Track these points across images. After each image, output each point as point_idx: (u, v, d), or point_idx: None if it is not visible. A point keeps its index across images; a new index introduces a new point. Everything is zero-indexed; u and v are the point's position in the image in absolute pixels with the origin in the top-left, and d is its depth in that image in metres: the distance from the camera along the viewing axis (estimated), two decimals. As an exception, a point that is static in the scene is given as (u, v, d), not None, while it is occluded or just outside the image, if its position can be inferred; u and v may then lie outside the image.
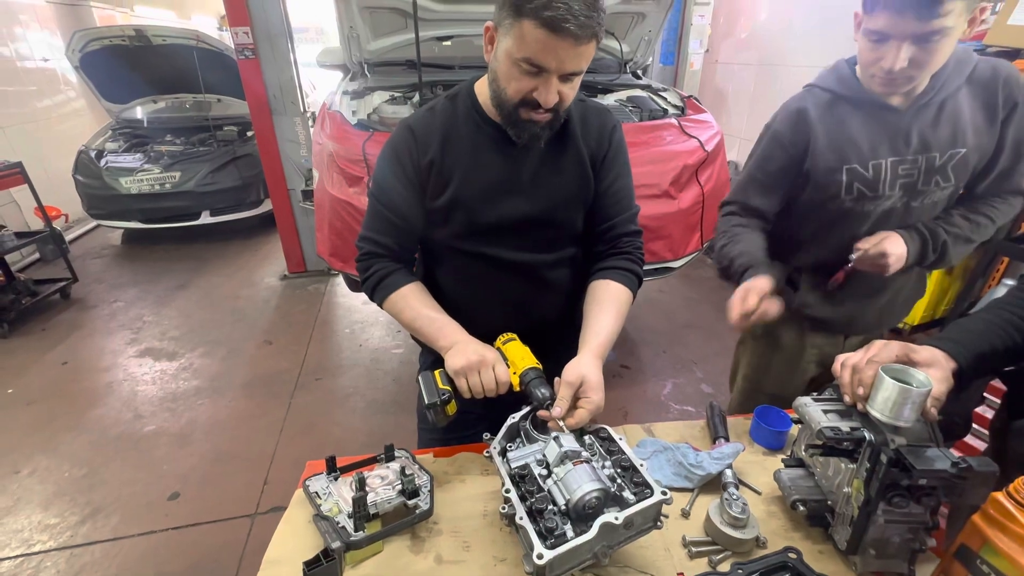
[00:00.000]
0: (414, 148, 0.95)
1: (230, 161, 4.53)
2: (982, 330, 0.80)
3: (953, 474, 0.65)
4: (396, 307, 0.99)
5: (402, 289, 0.98)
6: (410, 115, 1.00)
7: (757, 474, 0.96)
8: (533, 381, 0.87)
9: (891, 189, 1.08)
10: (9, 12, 4.46)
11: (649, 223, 2.07)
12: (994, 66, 1.03)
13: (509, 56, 0.82)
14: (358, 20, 2.61)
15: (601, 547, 0.68)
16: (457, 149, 0.95)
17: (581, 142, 0.99)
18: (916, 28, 0.87)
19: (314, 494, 0.85)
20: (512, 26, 0.79)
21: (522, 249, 1.02)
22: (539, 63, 0.80)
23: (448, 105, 0.98)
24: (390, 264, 1.01)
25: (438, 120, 0.96)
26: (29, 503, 2.00)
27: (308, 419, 2.48)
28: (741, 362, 1.50)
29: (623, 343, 3.11)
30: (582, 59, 0.81)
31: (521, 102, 0.85)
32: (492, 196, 0.97)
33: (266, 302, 3.66)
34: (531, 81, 0.83)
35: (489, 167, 0.96)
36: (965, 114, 1.03)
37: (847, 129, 1.07)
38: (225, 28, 7.67)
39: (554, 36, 0.76)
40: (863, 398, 0.74)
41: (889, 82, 0.97)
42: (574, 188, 1.00)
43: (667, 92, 2.87)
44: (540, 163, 0.97)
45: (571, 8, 0.74)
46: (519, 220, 0.99)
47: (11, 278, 3.43)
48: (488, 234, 0.99)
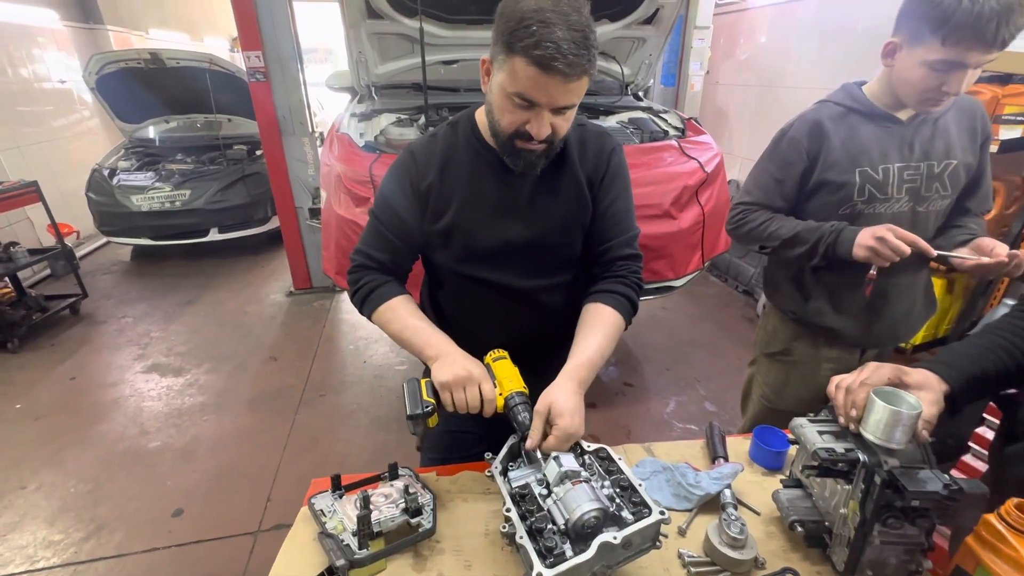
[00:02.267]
0: (414, 172, 0.98)
1: (239, 179, 4.62)
2: (974, 354, 0.82)
3: (944, 496, 0.66)
4: (384, 318, 0.99)
5: (391, 301, 0.98)
6: (414, 140, 1.04)
7: (756, 494, 0.97)
8: (517, 407, 0.86)
9: (899, 192, 1.19)
10: (28, 35, 4.61)
11: (650, 243, 2.10)
12: (971, 99, 1.22)
13: (503, 90, 0.84)
14: (366, 45, 2.69)
15: (600, 567, 0.69)
16: (456, 174, 0.98)
17: (578, 166, 1.00)
18: (984, 59, 1.00)
19: (319, 512, 0.87)
20: (505, 62, 0.82)
21: (520, 273, 1.03)
22: (530, 98, 0.82)
23: (449, 131, 1.01)
24: (380, 276, 1.01)
25: (438, 146, 0.99)
26: (35, 519, 2.01)
27: (312, 435, 2.49)
28: (756, 381, 1.52)
29: (626, 361, 3.11)
30: (573, 95, 0.83)
31: (515, 133, 0.88)
32: (490, 221, 0.99)
33: (272, 318, 3.70)
34: (524, 114, 0.85)
35: (487, 192, 0.98)
36: (952, 132, 1.18)
37: (859, 137, 1.19)
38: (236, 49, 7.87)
39: (544, 74, 0.78)
40: (856, 420, 0.76)
41: (934, 102, 1.08)
42: (571, 212, 1.01)
43: (668, 114, 2.92)
44: (537, 188, 0.99)
45: (560, 47, 0.76)
46: (517, 245, 1.00)
47: (22, 294, 3.49)
48: (486, 258, 1.01)
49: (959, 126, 1.19)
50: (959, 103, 1.18)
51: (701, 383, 2.87)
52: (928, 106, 1.10)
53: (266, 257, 4.86)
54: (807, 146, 1.22)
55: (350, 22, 2.53)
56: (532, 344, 1.08)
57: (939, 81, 1.04)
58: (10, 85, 4.37)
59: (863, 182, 1.18)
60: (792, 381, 1.42)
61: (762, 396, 1.50)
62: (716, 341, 3.31)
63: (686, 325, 3.54)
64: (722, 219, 2.41)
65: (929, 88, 1.06)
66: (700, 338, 3.36)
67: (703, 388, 2.82)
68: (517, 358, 0.95)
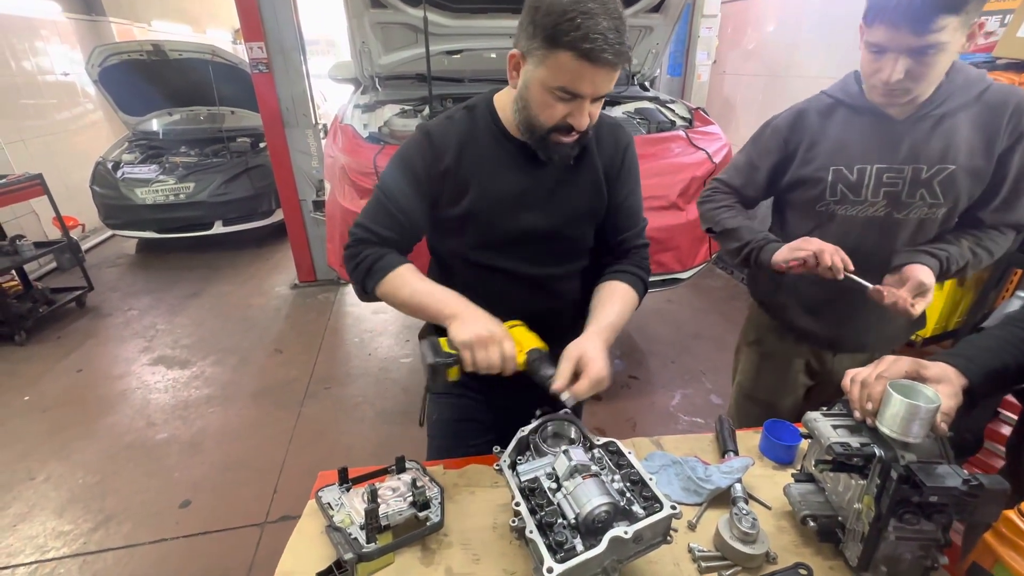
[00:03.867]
0: (429, 153, 0.95)
1: (243, 172, 4.61)
2: (994, 347, 0.80)
3: (964, 491, 0.65)
4: (392, 286, 0.95)
5: (398, 269, 0.96)
6: (427, 121, 1.00)
7: (767, 489, 0.96)
8: (537, 361, 0.88)
9: (874, 196, 1.09)
10: (31, 28, 4.59)
11: (657, 235, 2.08)
12: (1007, 93, 1.02)
13: (542, 84, 0.83)
14: (370, 35, 2.66)
15: (611, 561, 0.69)
16: (475, 160, 0.96)
17: (597, 157, 1.01)
18: (912, 42, 0.90)
19: (326, 505, 0.87)
20: (546, 56, 0.80)
21: (534, 262, 1.03)
22: (574, 91, 0.82)
23: (467, 116, 0.98)
24: (381, 249, 0.98)
25: (455, 129, 0.97)
26: (44, 509, 2.03)
27: (317, 428, 2.50)
28: (737, 369, 1.52)
29: (631, 354, 3.10)
30: (613, 82, 0.84)
31: (554, 127, 0.87)
32: (509, 209, 0.98)
33: (277, 311, 3.70)
34: (565, 107, 0.84)
35: (508, 181, 0.97)
36: (962, 133, 1.02)
37: (840, 133, 1.11)
38: (239, 41, 7.83)
39: (592, 66, 0.78)
40: (872, 414, 0.75)
41: (888, 93, 1.00)
42: (588, 202, 1.02)
43: (675, 104, 2.88)
44: (558, 178, 0.99)
45: (607, 38, 0.76)
46: (534, 234, 1.00)
47: (29, 287, 3.50)
48: (501, 246, 1.00)
49: (975, 125, 1.02)
50: (985, 98, 1.02)
51: (707, 376, 2.86)
52: (879, 96, 1.02)
53: (270, 250, 4.86)
54: (786, 136, 1.17)
55: (353, 12, 2.50)
56: (543, 332, 1.06)
57: (874, 67, 0.98)
58: (13, 78, 4.36)
59: (835, 181, 1.10)
60: (764, 370, 1.41)
61: (738, 383, 1.50)
62: (722, 334, 3.29)
63: (692, 318, 3.52)
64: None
65: (868, 74, 1.01)
66: (706, 331, 3.34)
67: (709, 381, 2.81)
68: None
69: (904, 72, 0.93)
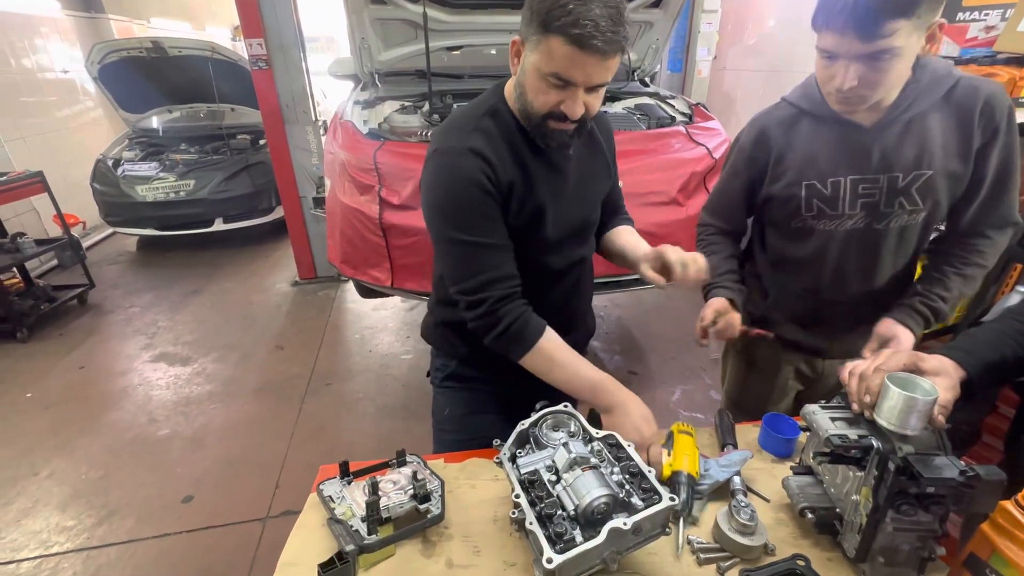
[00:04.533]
0: (490, 172, 0.90)
1: (243, 169, 4.61)
2: (992, 340, 0.81)
3: (961, 482, 0.65)
4: (543, 364, 0.94)
5: (541, 342, 0.93)
6: (456, 138, 0.92)
7: (766, 481, 0.96)
8: (679, 485, 0.88)
9: (852, 208, 1.05)
10: (30, 25, 4.58)
11: (657, 230, 2.08)
12: (975, 87, 0.96)
13: (537, 70, 0.84)
14: (369, 31, 2.66)
15: (610, 552, 0.69)
16: (523, 165, 0.95)
17: (604, 145, 1.09)
18: (861, 48, 0.85)
19: (328, 498, 0.87)
20: (540, 42, 0.81)
21: (571, 249, 1.07)
22: (567, 78, 0.82)
23: (495, 123, 0.94)
24: (522, 308, 0.94)
25: (496, 139, 0.93)
26: (47, 505, 2.04)
27: (319, 424, 2.51)
28: (725, 375, 1.48)
29: (631, 349, 3.11)
30: (608, 72, 0.84)
31: (548, 114, 0.87)
32: (558, 205, 0.99)
33: (277, 307, 3.71)
34: (558, 94, 0.85)
35: (547, 177, 0.98)
36: (935, 136, 0.97)
37: (807, 146, 1.06)
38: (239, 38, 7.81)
39: (582, 52, 0.78)
40: (870, 406, 0.75)
41: (844, 100, 0.94)
42: (605, 188, 1.11)
43: (675, 99, 2.88)
44: (579, 169, 1.02)
45: (598, 25, 0.76)
46: (577, 224, 1.04)
47: (30, 284, 3.51)
48: (554, 243, 1.02)
49: (947, 126, 0.97)
50: (953, 95, 0.96)
51: (707, 372, 2.86)
52: (835, 103, 0.97)
53: (271, 247, 4.86)
54: (751, 154, 1.13)
55: (352, 8, 2.50)
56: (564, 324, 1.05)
57: (827, 73, 0.93)
58: (13, 75, 4.36)
59: (810, 196, 1.06)
60: (752, 382, 1.37)
61: (725, 392, 1.47)
62: (722, 330, 3.29)
63: (692, 314, 3.49)
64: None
65: (822, 81, 0.96)
66: (706, 327, 3.34)
67: (709, 377, 2.81)
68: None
69: (857, 79, 0.88)
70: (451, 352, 1.18)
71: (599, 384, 0.93)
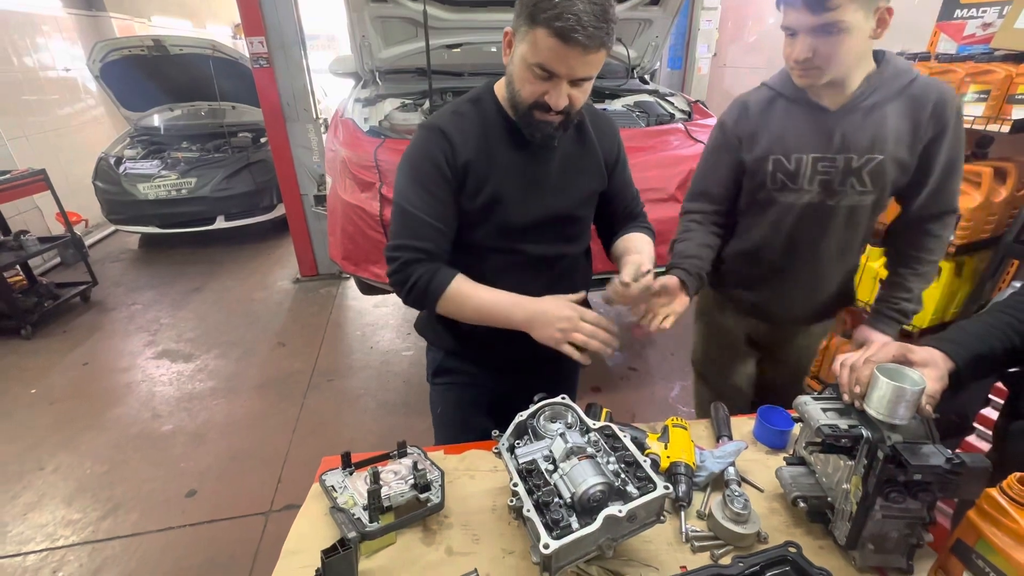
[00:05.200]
0: (448, 149, 0.96)
1: (244, 167, 4.63)
2: (981, 332, 0.82)
3: (947, 469, 0.67)
4: (454, 304, 0.99)
5: (452, 285, 0.98)
6: (433, 118, 1.01)
7: (760, 472, 0.98)
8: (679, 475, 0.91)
9: (810, 184, 1.15)
10: (32, 24, 4.60)
11: (656, 227, 2.08)
12: (929, 87, 1.06)
13: (524, 61, 0.87)
14: (370, 29, 2.67)
15: (606, 539, 0.71)
16: (490, 151, 0.98)
17: (598, 145, 1.08)
18: (811, 21, 0.97)
19: (330, 487, 0.89)
20: (527, 33, 0.84)
21: (552, 243, 1.08)
22: (550, 69, 0.85)
23: (474, 108, 1.01)
24: (429, 266, 0.98)
25: (468, 122, 0.99)
26: (53, 499, 2.07)
27: (320, 419, 2.53)
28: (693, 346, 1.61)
29: (631, 345, 3.12)
30: (591, 66, 0.86)
31: (534, 104, 0.91)
32: (526, 195, 1.01)
33: (279, 305, 3.73)
34: (543, 85, 0.88)
35: (521, 167, 1.00)
36: (889, 124, 1.07)
37: (779, 123, 1.16)
38: (239, 36, 7.82)
39: (564, 45, 0.81)
40: (860, 397, 0.77)
41: (802, 73, 1.04)
42: (595, 185, 1.10)
43: (674, 97, 2.89)
44: (566, 161, 1.04)
45: (581, 19, 0.79)
46: (552, 215, 1.04)
47: (34, 282, 3.54)
48: (518, 232, 1.04)
49: (901, 117, 1.07)
50: (910, 90, 1.06)
51: (706, 368, 2.88)
52: (797, 78, 1.07)
53: (272, 245, 4.88)
54: (732, 129, 1.22)
55: (353, 6, 2.51)
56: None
57: (787, 50, 1.03)
58: (15, 74, 4.38)
59: (775, 170, 1.16)
60: (711, 343, 1.51)
61: (692, 362, 1.61)
62: (721, 326, 3.31)
63: (691, 310, 3.52)
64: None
65: (786, 57, 1.06)
66: (705, 323, 3.36)
67: (708, 373, 2.83)
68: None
69: (810, 51, 0.99)
70: (439, 343, 1.21)
71: (511, 307, 0.97)
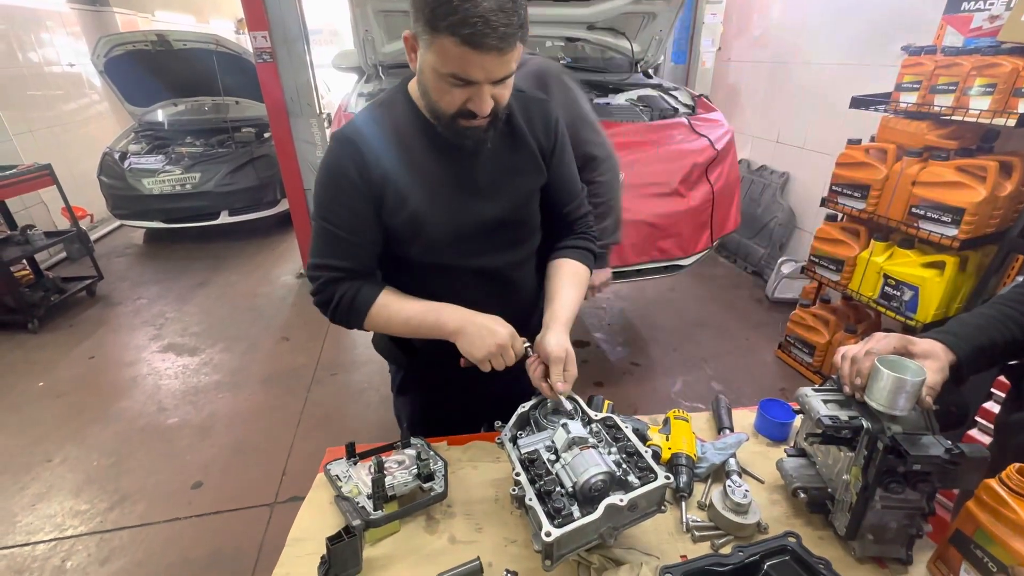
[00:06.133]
0: (361, 161, 0.87)
1: (248, 162, 4.64)
2: (982, 324, 0.82)
3: (946, 460, 0.68)
4: (382, 319, 0.93)
5: (379, 299, 0.92)
6: (344, 127, 0.91)
7: (761, 464, 0.99)
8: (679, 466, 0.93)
9: None
10: (36, 19, 4.61)
11: (659, 221, 2.10)
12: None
13: (434, 71, 0.78)
14: (373, 23, 2.67)
15: (607, 528, 0.72)
16: (409, 160, 0.90)
17: (530, 138, 0.97)
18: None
19: (335, 477, 0.90)
20: (431, 42, 0.75)
21: (491, 252, 0.99)
22: (466, 77, 0.77)
23: (385, 114, 0.92)
24: (353, 284, 0.92)
25: (380, 130, 0.90)
26: (61, 490, 2.09)
27: (324, 412, 2.55)
28: None
29: (634, 341, 3.13)
30: (510, 64, 0.78)
31: (457, 113, 0.83)
32: (455, 205, 0.93)
33: (283, 299, 3.75)
34: (462, 92, 0.80)
35: (446, 175, 0.92)
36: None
37: None
38: (242, 31, 7.81)
39: (476, 52, 0.73)
40: (861, 388, 0.77)
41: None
42: (532, 184, 1.00)
43: (678, 91, 2.88)
44: (496, 164, 0.94)
45: (488, 21, 0.70)
46: (487, 224, 0.96)
47: (40, 276, 3.56)
48: (453, 244, 0.95)
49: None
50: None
51: (708, 363, 2.88)
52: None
53: (276, 240, 4.90)
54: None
55: (356, 0, 2.51)
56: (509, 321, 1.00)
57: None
58: (20, 69, 4.39)
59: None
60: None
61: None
62: (724, 322, 3.31)
63: (694, 306, 3.53)
64: (732, 197, 2.40)
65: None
66: (708, 319, 3.36)
67: (710, 368, 2.84)
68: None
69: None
70: (395, 360, 1.19)
71: (440, 313, 0.92)
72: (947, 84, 2.01)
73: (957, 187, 1.97)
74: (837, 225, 2.54)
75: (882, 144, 2.29)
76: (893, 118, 2.32)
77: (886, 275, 2.24)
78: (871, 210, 2.31)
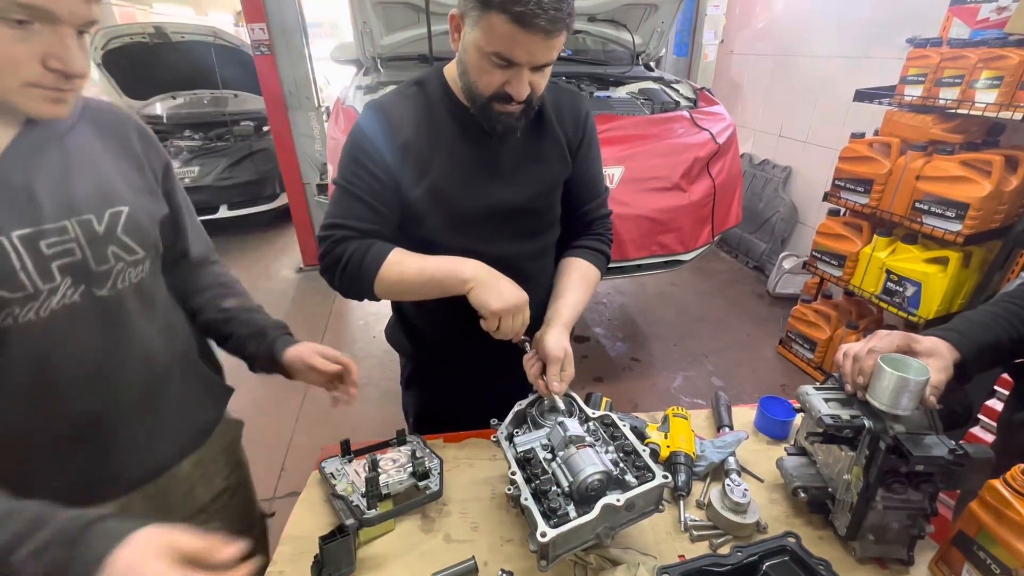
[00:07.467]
0: (388, 129, 0.89)
1: (247, 156, 4.61)
2: (987, 322, 0.81)
3: (949, 460, 0.66)
4: (395, 274, 0.87)
5: (391, 255, 0.88)
6: (376, 100, 0.93)
7: (761, 463, 0.98)
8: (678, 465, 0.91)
9: None
10: (34, 11, 4.57)
11: (659, 216, 2.08)
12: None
13: (478, 49, 0.79)
14: (371, 15, 2.63)
15: (604, 528, 0.71)
16: (434, 135, 0.90)
17: (558, 128, 0.97)
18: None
19: (329, 475, 0.90)
20: (480, 18, 0.76)
21: (507, 240, 0.97)
22: (509, 57, 0.77)
23: (419, 91, 0.93)
24: (364, 242, 0.89)
25: (410, 104, 0.91)
26: (60, 485, 2.09)
27: (323, 408, 2.54)
28: None
29: (634, 336, 3.12)
30: (553, 51, 0.79)
31: (493, 96, 0.83)
32: (474, 185, 0.92)
33: (282, 294, 3.73)
34: (502, 74, 0.80)
35: (469, 155, 0.92)
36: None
37: None
38: (241, 24, 7.75)
39: (524, 31, 0.74)
40: (863, 387, 0.76)
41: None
42: (556, 175, 0.99)
43: (679, 84, 2.85)
44: (521, 151, 0.94)
45: (540, 2, 0.71)
46: (504, 209, 0.95)
47: (39, 270, 3.55)
48: (470, 226, 0.94)
49: None
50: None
51: (709, 358, 2.87)
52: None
53: (275, 234, 4.88)
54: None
55: (354, -9, 2.48)
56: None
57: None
58: (17, 61, 4.36)
59: None
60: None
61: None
62: (725, 317, 3.29)
63: (695, 301, 3.51)
64: (733, 192, 2.38)
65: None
66: (709, 314, 3.34)
67: (711, 363, 2.82)
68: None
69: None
70: (406, 350, 1.18)
71: (453, 269, 0.87)
72: (953, 77, 1.98)
73: (961, 182, 1.95)
74: (839, 220, 2.52)
75: (886, 138, 2.26)
76: (897, 111, 2.29)
77: (889, 271, 2.22)
78: (874, 205, 2.28)
